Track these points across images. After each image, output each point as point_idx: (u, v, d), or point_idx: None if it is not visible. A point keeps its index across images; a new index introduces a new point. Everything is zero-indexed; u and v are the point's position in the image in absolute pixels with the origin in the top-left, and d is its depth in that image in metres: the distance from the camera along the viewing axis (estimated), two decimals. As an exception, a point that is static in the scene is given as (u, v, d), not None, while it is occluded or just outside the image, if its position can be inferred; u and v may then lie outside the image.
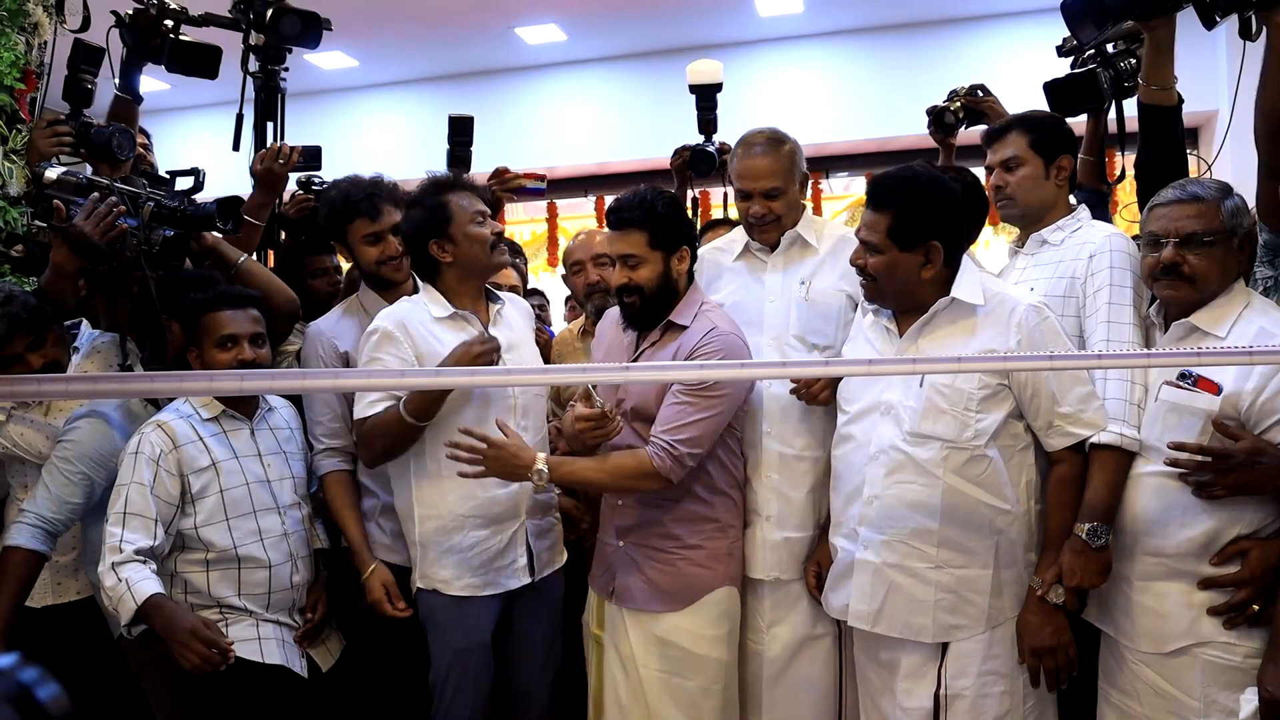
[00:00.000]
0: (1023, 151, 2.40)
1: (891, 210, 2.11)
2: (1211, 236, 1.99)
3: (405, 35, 7.15)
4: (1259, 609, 1.92)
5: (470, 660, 2.46)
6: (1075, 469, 2.10)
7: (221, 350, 2.35)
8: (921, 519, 2.12)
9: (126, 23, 2.88)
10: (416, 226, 2.47)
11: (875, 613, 2.18)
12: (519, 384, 2.49)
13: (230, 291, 2.44)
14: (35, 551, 2.26)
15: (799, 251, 2.55)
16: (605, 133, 7.74)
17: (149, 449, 2.26)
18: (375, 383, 2.22)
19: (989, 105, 3.07)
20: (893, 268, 2.13)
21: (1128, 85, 2.65)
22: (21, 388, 1.80)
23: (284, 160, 2.84)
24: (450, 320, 2.45)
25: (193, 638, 2.16)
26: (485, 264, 2.50)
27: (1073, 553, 2.05)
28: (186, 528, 2.29)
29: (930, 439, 2.11)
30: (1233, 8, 2.12)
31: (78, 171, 2.49)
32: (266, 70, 3.03)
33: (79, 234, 2.32)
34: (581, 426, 2.26)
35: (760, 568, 2.47)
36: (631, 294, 2.36)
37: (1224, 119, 2.44)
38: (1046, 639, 2.08)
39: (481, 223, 2.46)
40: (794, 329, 2.49)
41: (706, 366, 2.24)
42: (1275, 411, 1.90)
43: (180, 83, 3.10)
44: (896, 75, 7.04)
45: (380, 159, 7.77)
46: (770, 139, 2.50)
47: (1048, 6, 6.51)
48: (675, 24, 7.10)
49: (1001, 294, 2.16)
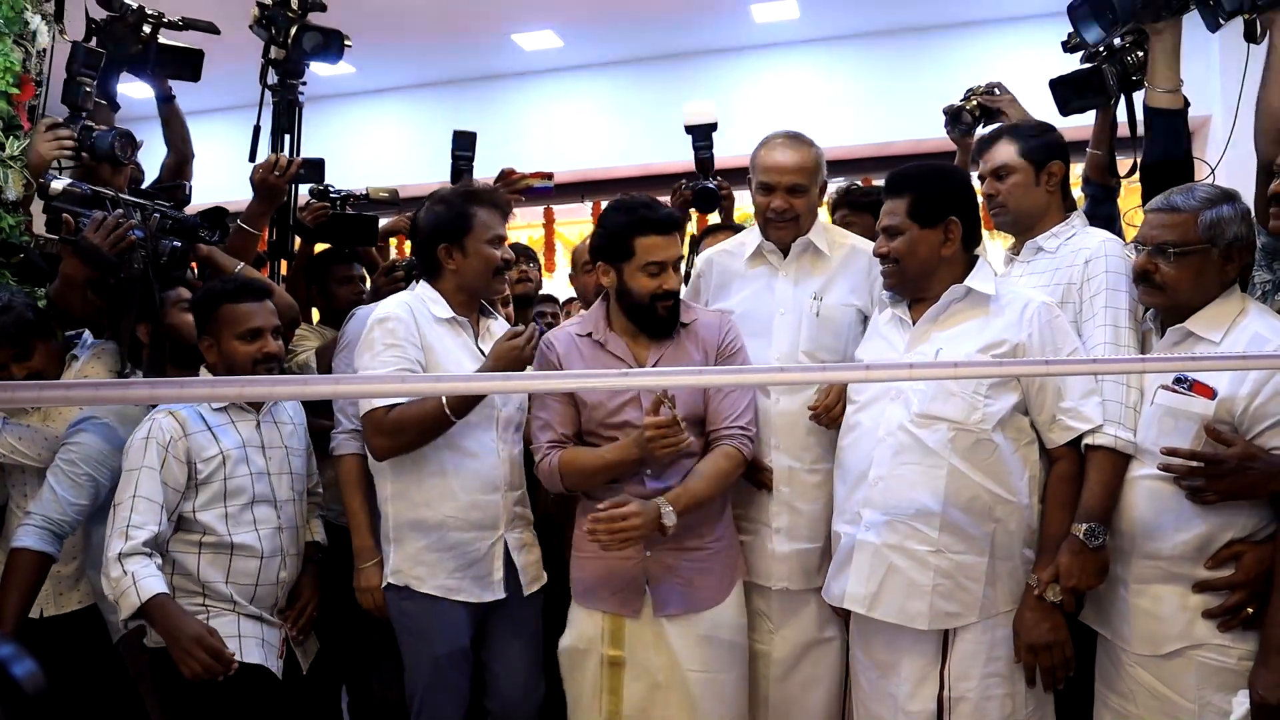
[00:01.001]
0: (1012, 159, 2.42)
1: (910, 192, 2.22)
2: (1182, 247, 2.02)
3: (403, 41, 7.16)
4: (1253, 612, 1.93)
5: (450, 669, 2.41)
6: (1074, 468, 2.12)
7: (244, 342, 2.35)
8: (925, 500, 2.14)
9: (104, 29, 2.89)
10: (434, 225, 2.47)
11: (873, 596, 2.19)
12: (533, 390, 2.46)
13: (252, 282, 2.45)
14: (42, 553, 2.26)
15: (811, 260, 2.55)
16: (602, 138, 7.75)
17: (160, 434, 2.27)
18: (376, 388, 2.22)
19: (1006, 103, 3.06)
20: (914, 246, 2.21)
21: (1135, 79, 2.66)
22: (23, 394, 1.80)
23: (280, 173, 2.85)
24: (449, 324, 2.45)
25: (196, 645, 2.15)
26: (484, 285, 2.50)
27: (1071, 553, 2.06)
28: (186, 510, 2.30)
29: (938, 420, 2.14)
30: (1238, 10, 2.13)
31: (82, 183, 2.51)
32: (285, 84, 3.05)
33: (90, 246, 2.35)
34: (652, 434, 2.18)
35: (770, 578, 2.47)
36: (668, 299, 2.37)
37: (1216, 124, 2.45)
38: (1043, 636, 2.09)
39: (495, 245, 2.46)
40: (804, 345, 2.49)
41: (705, 372, 2.25)
42: (1268, 416, 1.92)
43: (178, 89, 3.12)
44: (891, 81, 7.06)
45: (378, 164, 7.86)
46: (797, 137, 2.52)
47: (1042, 12, 6.61)
48: (671, 30, 7.12)
49: (1015, 290, 2.23)
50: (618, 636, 2.35)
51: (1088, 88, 2.70)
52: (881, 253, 2.27)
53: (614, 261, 2.36)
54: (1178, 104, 2.40)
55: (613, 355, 2.39)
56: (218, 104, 5.53)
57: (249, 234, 2.85)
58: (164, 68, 2.99)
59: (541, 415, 2.39)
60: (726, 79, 7.47)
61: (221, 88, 4.47)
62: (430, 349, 2.39)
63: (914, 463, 2.16)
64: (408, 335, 2.37)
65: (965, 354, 2.15)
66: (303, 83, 3.11)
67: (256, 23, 3.02)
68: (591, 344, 2.41)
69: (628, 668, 2.34)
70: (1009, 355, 2.13)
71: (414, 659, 2.43)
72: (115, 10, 2.90)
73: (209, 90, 3.51)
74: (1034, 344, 2.13)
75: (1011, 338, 2.14)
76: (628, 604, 2.34)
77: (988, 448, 2.12)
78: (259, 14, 3.02)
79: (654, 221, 2.33)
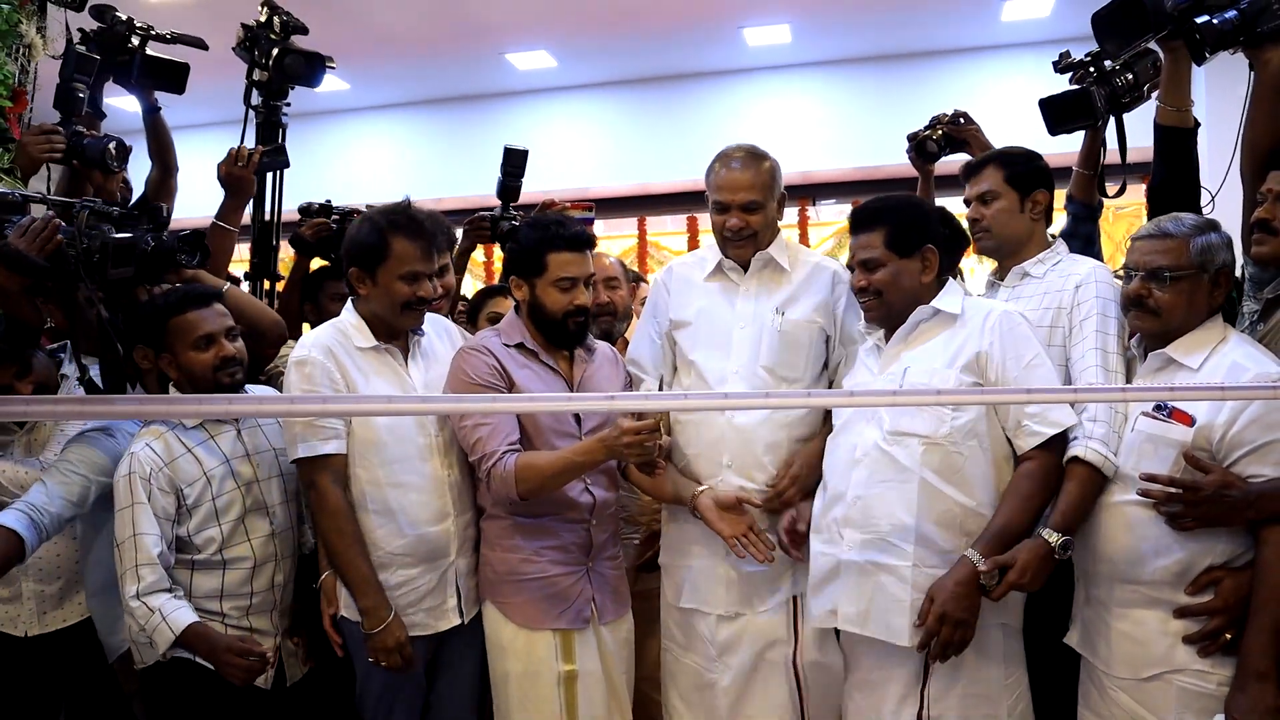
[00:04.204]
0: (998, 185, 2.44)
1: (884, 225, 2.24)
2: (1177, 272, 2.04)
3: (396, 59, 7.19)
4: (1231, 638, 1.95)
5: (400, 693, 2.40)
6: (1041, 467, 2.12)
7: (199, 351, 2.32)
8: (900, 515, 2.15)
9: (93, 38, 2.90)
10: (351, 246, 2.41)
11: (863, 613, 2.19)
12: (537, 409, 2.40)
13: (193, 291, 2.39)
14: (17, 534, 2.15)
15: (772, 275, 2.51)
16: (595, 158, 7.78)
17: (140, 468, 2.25)
18: (364, 409, 2.22)
19: (971, 133, 3.09)
20: (897, 277, 2.23)
21: (1125, 102, 2.68)
22: (9, 408, 1.81)
23: (244, 162, 2.84)
24: (374, 352, 2.40)
25: (232, 654, 2.20)
26: (390, 321, 2.41)
27: (1035, 555, 2.05)
28: (180, 533, 2.30)
29: (908, 435, 2.16)
30: (1221, 44, 2.17)
31: (12, 189, 2.48)
32: (269, 105, 3.07)
33: (15, 252, 2.29)
34: (630, 440, 2.21)
35: (719, 603, 2.45)
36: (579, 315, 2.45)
37: (1202, 151, 2.47)
38: (961, 611, 2.06)
39: (410, 280, 2.35)
40: (764, 359, 2.44)
41: (692, 397, 2.26)
42: (1244, 444, 1.94)
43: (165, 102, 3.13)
44: (883, 104, 7.12)
45: (370, 182, 7.88)
46: (751, 153, 2.48)
47: (1033, 39, 6.67)
48: (665, 52, 7.18)
49: (978, 303, 2.27)
50: (569, 650, 2.38)
51: (1077, 109, 2.71)
52: (861, 286, 2.27)
53: (526, 276, 2.43)
54: (1188, 123, 2.41)
55: (546, 366, 2.45)
56: (205, 119, 5.54)
57: (225, 230, 2.83)
58: (148, 79, 2.98)
59: (489, 420, 2.34)
60: (719, 101, 7.53)
61: (209, 103, 4.47)
62: (354, 385, 2.34)
63: (888, 479, 2.17)
64: (324, 378, 2.31)
65: (931, 369, 2.18)
66: (286, 103, 3.12)
67: (240, 45, 3.03)
68: (525, 353, 2.44)
69: (581, 678, 2.38)
70: (972, 363, 2.16)
71: (365, 681, 2.41)
72: (105, 21, 2.91)
73: (196, 105, 3.52)
74: (995, 351, 2.15)
75: (973, 346, 2.17)
76: (580, 616, 2.40)
77: (957, 460, 2.14)
78: (242, 36, 3.04)
79: (566, 238, 2.40)
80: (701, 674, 2.48)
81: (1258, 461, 1.93)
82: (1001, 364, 2.15)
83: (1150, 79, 2.67)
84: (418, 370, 2.46)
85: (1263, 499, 1.91)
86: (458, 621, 2.43)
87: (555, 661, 2.37)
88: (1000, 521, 2.11)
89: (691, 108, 7.54)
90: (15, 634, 2.41)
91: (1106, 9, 2.38)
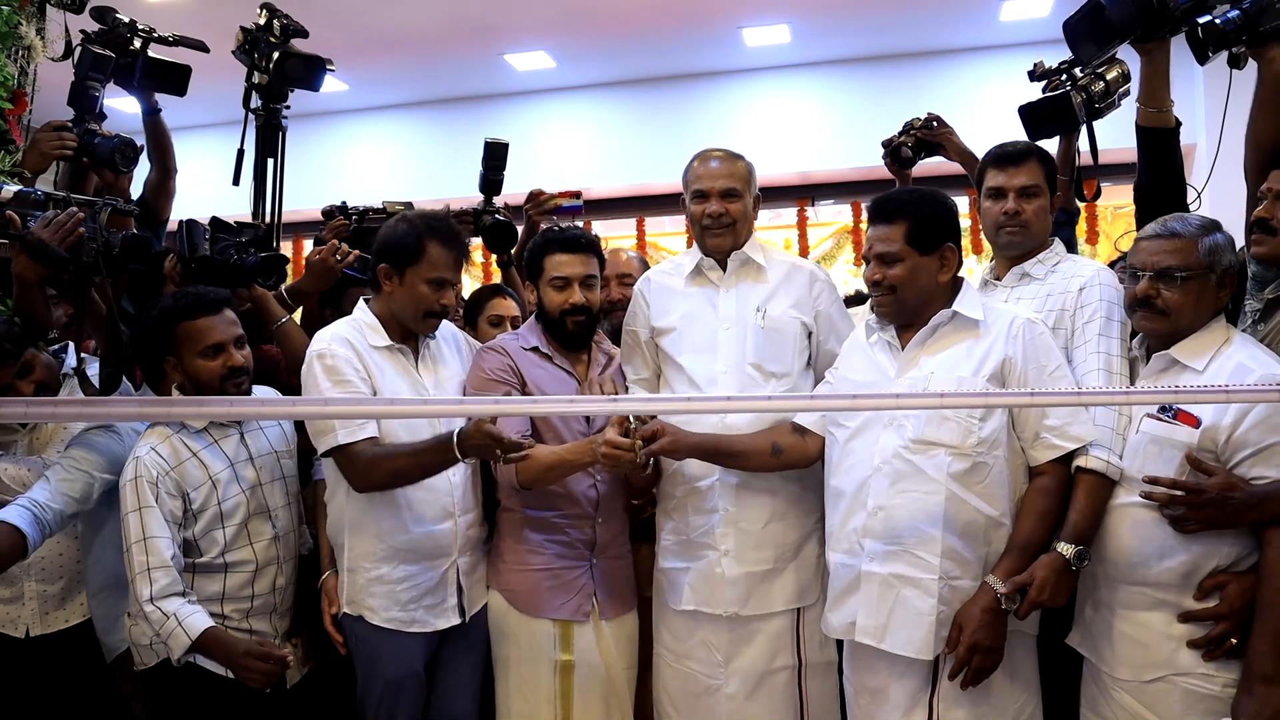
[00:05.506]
0: (1040, 181, 2.40)
1: (907, 219, 2.19)
2: (1186, 272, 2.04)
3: (395, 60, 7.19)
4: (1237, 642, 1.94)
5: (402, 692, 2.41)
6: (1056, 481, 2.12)
7: (207, 360, 2.32)
8: (925, 527, 2.13)
9: (94, 40, 2.89)
10: (386, 242, 2.44)
11: (882, 627, 2.16)
12: (538, 410, 2.44)
13: (205, 296, 2.38)
14: (19, 530, 2.14)
15: (750, 274, 2.53)
16: (594, 158, 7.79)
17: (146, 472, 2.24)
18: (361, 410, 2.21)
19: (944, 136, 3.07)
20: (914, 273, 2.20)
21: (1098, 107, 2.68)
22: (9, 409, 1.80)
23: (341, 258, 2.84)
24: (388, 351, 2.42)
25: (250, 659, 2.20)
26: (408, 323, 2.45)
27: (1052, 570, 2.04)
28: (186, 536, 2.30)
29: (934, 445, 2.13)
30: (1224, 44, 2.17)
31: (35, 189, 2.50)
32: (268, 109, 3.06)
33: (37, 241, 2.32)
34: (608, 452, 2.25)
35: (719, 603, 2.44)
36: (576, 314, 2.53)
37: (1202, 151, 2.47)
38: (991, 639, 2.06)
39: (435, 287, 2.40)
40: (751, 356, 2.45)
41: (695, 399, 2.26)
42: (1248, 446, 1.94)
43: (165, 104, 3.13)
44: (882, 105, 7.10)
45: (370, 182, 7.87)
46: (728, 152, 2.55)
47: (1032, 40, 6.67)
48: (664, 53, 7.18)
49: (998, 309, 2.24)
50: (567, 641, 2.46)
51: (1057, 113, 2.71)
52: (876, 279, 2.23)
53: (532, 280, 2.60)
54: (1169, 123, 2.41)
55: (561, 369, 2.55)
56: (206, 120, 5.54)
57: (286, 304, 2.82)
58: (150, 81, 3.00)
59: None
60: (718, 102, 7.53)
61: (210, 105, 4.48)
62: (374, 379, 2.36)
63: (912, 490, 2.14)
64: (350, 367, 2.34)
65: (958, 377, 2.15)
66: (286, 106, 3.11)
67: (239, 48, 3.03)
68: (540, 357, 2.54)
69: (578, 669, 2.45)
70: (998, 372, 2.14)
71: (367, 681, 2.43)
72: (106, 23, 2.91)
73: (197, 106, 3.52)
74: (1020, 359, 2.14)
75: (999, 354, 2.15)
76: (580, 609, 2.47)
77: (983, 470, 2.12)
78: (242, 39, 3.03)
79: (560, 240, 2.54)
80: (701, 680, 2.47)
81: (1262, 463, 1.93)
82: (1024, 372, 2.13)
83: (1121, 86, 2.68)
84: (428, 372, 2.49)
85: (1267, 501, 1.90)
86: (458, 620, 2.45)
87: (553, 650, 2.45)
88: (1020, 541, 2.10)
89: (691, 108, 7.55)
90: (16, 635, 2.40)
91: (1076, 16, 2.41)
